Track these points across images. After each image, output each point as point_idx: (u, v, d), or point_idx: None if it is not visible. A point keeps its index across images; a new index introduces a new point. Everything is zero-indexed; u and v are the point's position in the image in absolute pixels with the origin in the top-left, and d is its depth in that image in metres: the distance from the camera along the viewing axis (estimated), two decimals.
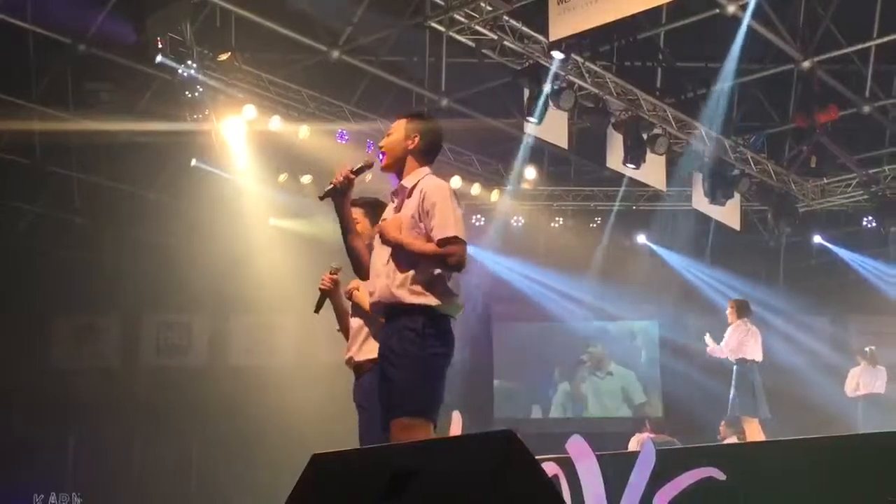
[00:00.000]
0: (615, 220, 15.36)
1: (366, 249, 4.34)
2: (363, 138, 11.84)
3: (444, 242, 4.00)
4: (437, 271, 4.06)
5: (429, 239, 4.04)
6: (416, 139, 4.21)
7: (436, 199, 4.05)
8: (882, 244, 14.80)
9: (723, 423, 12.09)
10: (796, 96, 11.74)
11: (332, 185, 4.21)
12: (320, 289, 5.20)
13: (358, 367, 5.03)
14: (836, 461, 5.67)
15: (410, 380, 3.94)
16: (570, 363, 16.51)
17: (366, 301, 4.94)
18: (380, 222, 4.24)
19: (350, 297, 5.06)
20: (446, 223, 4.02)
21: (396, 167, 4.24)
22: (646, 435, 12.23)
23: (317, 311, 5.22)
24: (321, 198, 4.29)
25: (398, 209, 4.19)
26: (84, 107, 11.17)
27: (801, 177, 13.59)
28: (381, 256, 4.15)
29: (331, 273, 5.21)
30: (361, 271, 4.35)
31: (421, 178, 4.16)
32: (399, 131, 4.24)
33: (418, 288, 4.01)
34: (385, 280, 4.09)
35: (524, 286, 15.56)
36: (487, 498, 2.58)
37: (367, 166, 4.29)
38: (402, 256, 4.05)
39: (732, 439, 11.37)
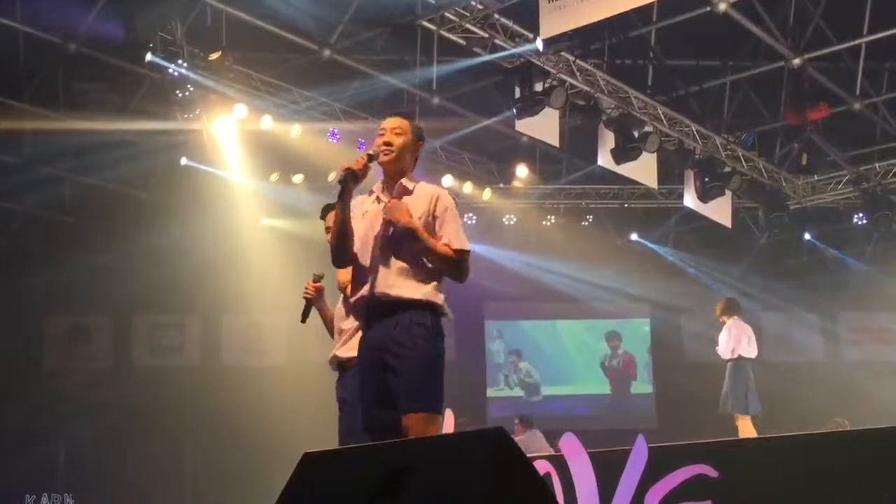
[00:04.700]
0: (607, 217, 15.40)
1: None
2: (355, 137, 11.82)
3: (459, 253, 4.09)
4: (438, 270, 4.10)
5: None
6: (420, 146, 4.34)
7: (448, 206, 4.15)
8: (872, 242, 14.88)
9: (517, 421, 12.03)
10: (787, 94, 11.74)
11: (350, 171, 4.11)
12: (304, 297, 5.19)
13: (342, 364, 5.02)
14: (830, 457, 5.65)
15: (425, 376, 3.94)
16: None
17: None
18: (384, 205, 4.13)
19: (343, 291, 5.03)
20: (460, 233, 4.13)
21: (395, 165, 4.23)
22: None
23: (303, 320, 5.20)
24: (339, 181, 4.16)
25: None
26: (75, 107, 11.13)
27: (791, 174, 13.60)
28: (383, 243, 4.11)
29: (313, 281, 5.20)
30: (344, 257, 4.21)
31: (420, 182, 4.24)
32: (407, 134, 4.26)
33: (427, 283, 4.05)
34: (388, 268, 4.07)
35: (517, 285, 15.55)
36: (480, 496, 2.59)
37: (376, 155, 4.23)
38: (413, 248, 4.05)
39: (521, 437, 11.35)
